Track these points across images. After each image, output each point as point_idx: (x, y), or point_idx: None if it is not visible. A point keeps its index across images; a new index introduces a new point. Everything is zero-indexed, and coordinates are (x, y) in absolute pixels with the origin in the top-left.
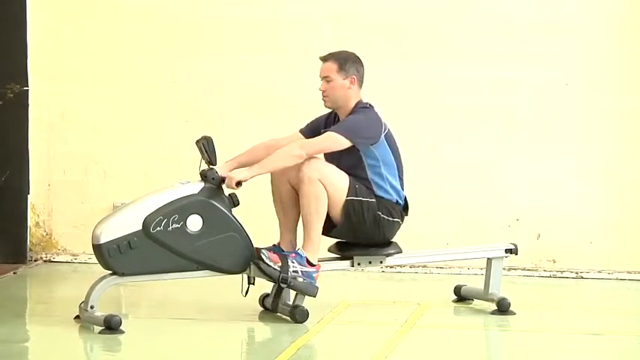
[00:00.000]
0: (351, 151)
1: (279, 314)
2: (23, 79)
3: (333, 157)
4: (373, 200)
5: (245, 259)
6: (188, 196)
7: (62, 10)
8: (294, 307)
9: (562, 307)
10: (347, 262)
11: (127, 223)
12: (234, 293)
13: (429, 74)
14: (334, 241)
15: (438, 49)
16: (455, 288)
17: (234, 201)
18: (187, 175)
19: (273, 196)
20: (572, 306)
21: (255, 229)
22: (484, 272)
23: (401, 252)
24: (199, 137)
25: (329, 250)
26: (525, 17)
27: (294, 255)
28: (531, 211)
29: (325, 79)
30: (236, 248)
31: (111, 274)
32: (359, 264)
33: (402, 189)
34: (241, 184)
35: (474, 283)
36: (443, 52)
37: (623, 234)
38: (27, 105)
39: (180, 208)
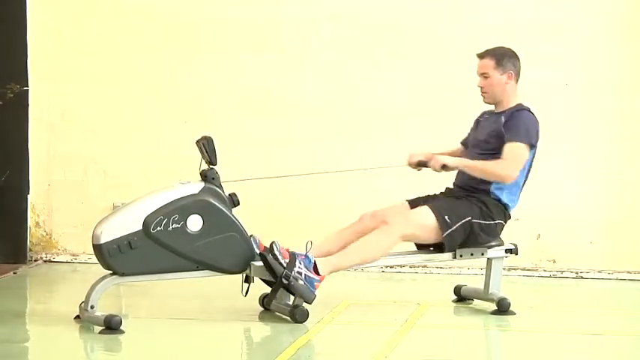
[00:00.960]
0: (501, 140)
1: (278, 314)
2: (23, 79)
3: (478, 141)
4: (469, 218)
5: (245, 258)
6: (188, 196)
7: (62, 10)
8: (295, 307)
9: (562, 307)
10: (448, 255)
11: (127, 223)
12: (234, 293)
13: (429, 74)
14: None
15: (437, 49)
16: (455, 288)
17: (234, 201)
18: (187, 175)
19: (360, 219)
20: (572, 306)
21: (256, 229)
22: (484, 272)
23: (502, 244)
24: (199, 137)
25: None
26: (525, 17)
27: (302, 257)
28: (531, 211)
29: (483, 75)
30: (236, 248)
31: (111, 274)
32: (461, 256)
33: (517, 199)
34: (446, 168)
35: (474, 283)
36: (443, 52)
37: (623, 234)
38: (27, 105)
39: (181, 208)
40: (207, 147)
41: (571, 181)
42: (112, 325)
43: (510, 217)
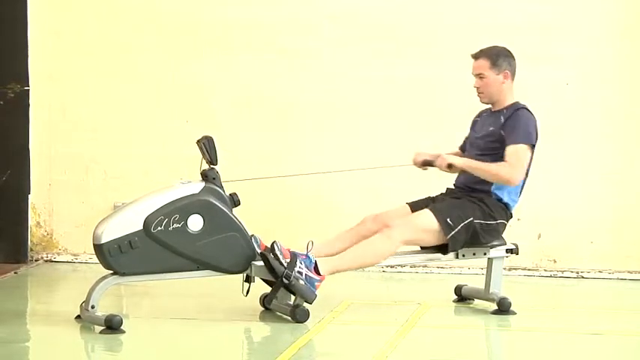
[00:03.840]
0: (501, 143)
1: (278, 314)
2: (24, 79)
3: (477, 143)
4: (471, 219)
5: (246, 258)
6: (189, 195)
7: (62, 9)
8: (295, 306)
9: (562, 307)
10: (451, 255)
11: (127, 223)
12: (235, 293)
13: (429, 74)
14: None
15: (437, 49)
16: (455, 288)
17: (235, 201)
18: (188, 174)
19: (362, 222)
20: (572, 306)
21: (256, 229)
22: (484, 272)
23: (505, 244)
24: (200, 137)
25: None
26: (525, 17)
27: (304, 256)
28: (532, 211)
29: (479, 76)
30: (237, 248)
31: (112, 274)
32: (463, 255)
33: (518, 199)
34: (452, 168)
35: (475, 283)
36: (443, 52)
37: (623, 234)
38: (28, 105)
39: (181, 207)
40: (207, 147)
41: (571, 181)
42: (112, 325)
43: (512, 217)
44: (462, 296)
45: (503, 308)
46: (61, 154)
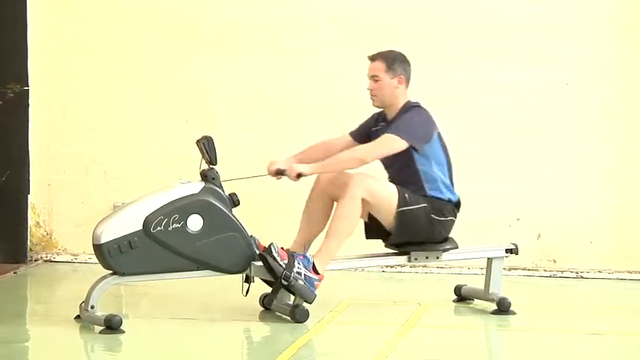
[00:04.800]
0: (404, 150)
1: (278, 314)
2: (24, 79)
3: (386, 157)
4: (424, 205)
5: (245, 258)
6: (189, 195)
7: (62, 9)
8: (295, 306)
9: (562, 307)
10: (404, 258)
11: (127, 223)
12: (234, 293)
13: (429, 74)
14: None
15: (437, 49)
16: (455, 288)
17: (234, 201)
18: (188, 174)
19: (307, 204)
20: (572, 306)
21: (256, 229)
22: (484, 272)
23: (457, 247)
24: (200, 137)
25: (386, 246)
26: (525, 17)
27: (301, 257)
28: (531, 211)
29: (373, 78)
30: (236, 248)
31: (111, 274)
32: (416, 259)
33: (453, 186)
34: (301, 177)
35: (475, 283)
36: (442, 52)
37: (623, 234)
38: (27, 105)
39: (181, 207)
40: (207, 147)
41: (571, 181)
42: (112, 325)
43: (459, 211)
44: (462, 296)
45: (502, 308)
46: (61, 154)
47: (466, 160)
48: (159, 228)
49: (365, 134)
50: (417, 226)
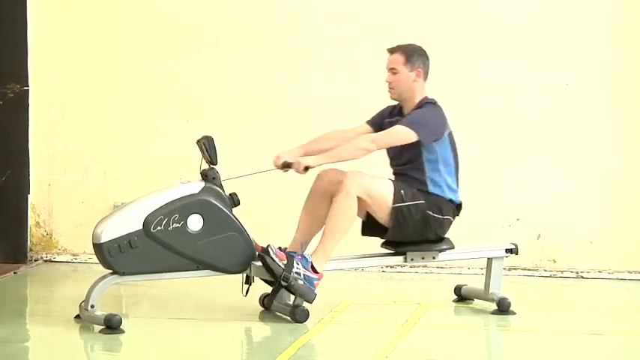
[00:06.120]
0: (413, 145)
1: (278, 314)
2: (23, 79)
3: (394, 150)
4: (421, 201)
5: (246, 258)
6: (189, 195)
7: (62, 9)
8: (295, 306)
9: (562, 307)
10: (400, 258)
11: (127, 223)
12: (234, 293)
13: (429, 74)
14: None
15: (437, 49)
16: (455, 288)
17: (234, 200)
18: (188, 174)
19: (306, 202)
20: (572, 306)
21: (256, 229)
22: (484, 272)
23: (453, 248)
24: (200, 137)
25: (382, 246)
26: (525, 17)
27: (300, 257)
28: (531, 211)
29: (392, 70)
30: (236, 248)
31: (111, 274)
32: (412, 259)
33: (458, 188)
34: (308, 170)
35: (474, 283)
36: (443, 52)
37: (623, 234)
38: (27, 105)
39: (181, 207)
40: (207, 146)
41: (571, 181)
42: (112, 325)
43: (459, 213)
44: (462, 296)
45: (502, 308)
46: (61, 154)
47: (466, 160)
48: (159, 228)
49: (378, 124)
50: (412, 223)
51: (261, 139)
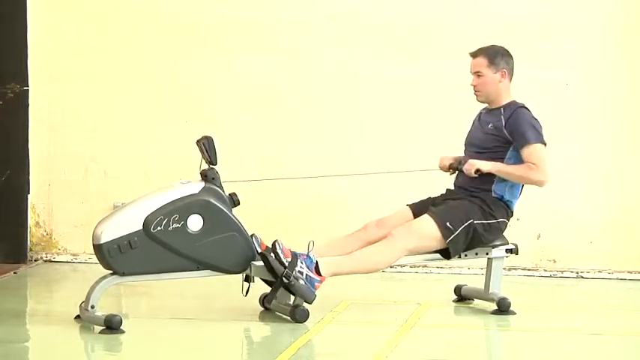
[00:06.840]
0: (503, 146)
1: (278, 314)
2: (23, 79)
3: (480, 144)
4: (470, 220)
5: (245, 258)
6: (189, 195)
7: (62, 9)
8: (295, 306)
9: (562, 307)
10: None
11: (127, 223)
12: (234, 293)
13: (429, 74)
14: None
15: (437, 49)
16: (455, 288)
17: (234, 201)
18: (188, 174)
19: (364, 227)
20: (572, 306)
21: (256, 229)
22: (484, 272)
23: (507, 243)
24: (200, 137)
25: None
26: (525, 17)
27: (304, 256)
28: (531, 211)
29: (476, 74)
30: (236, 248)
31: (111, 274)
32: (466, 255)
33: (518, 197)
34: (479, 172)
35: (474, 283)
36: (443, 52)
37: (623, 234)
38: (27, 105)
39: (181, 207)
40: (207, 147)
41: (571, 181)
42: (112, 325)
43: (512, 215)
44: (462, 296)
45: (502, 308)
46: (61, 154)
47: None
48: (159, 228)
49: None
50: (469, 241)
51: (261, 139)
